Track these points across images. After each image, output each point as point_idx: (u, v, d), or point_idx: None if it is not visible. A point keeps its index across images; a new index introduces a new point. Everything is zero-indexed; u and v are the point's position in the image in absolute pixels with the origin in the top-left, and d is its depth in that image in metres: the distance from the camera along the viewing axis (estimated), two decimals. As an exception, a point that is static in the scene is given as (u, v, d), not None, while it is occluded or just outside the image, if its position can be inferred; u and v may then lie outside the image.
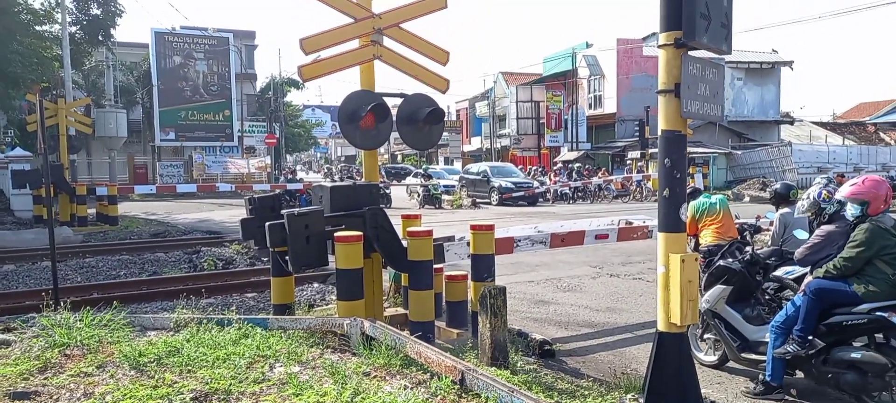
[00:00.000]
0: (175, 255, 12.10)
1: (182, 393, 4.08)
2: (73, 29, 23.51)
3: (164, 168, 36.51)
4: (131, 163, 36.87)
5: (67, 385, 4.31)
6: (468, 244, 6.63)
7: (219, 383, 4.25)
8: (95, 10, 23.43)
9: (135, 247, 13.13)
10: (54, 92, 21.34)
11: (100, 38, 24.42)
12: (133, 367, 4.61)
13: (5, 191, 20.13)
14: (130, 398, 3.99)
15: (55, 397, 4.12)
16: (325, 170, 43.30)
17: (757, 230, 6.92)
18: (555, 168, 35.47)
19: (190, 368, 4.57)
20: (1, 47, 18.32)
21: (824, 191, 5.37)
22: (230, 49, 38.37)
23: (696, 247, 6.90)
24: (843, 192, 4.95)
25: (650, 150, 30.45)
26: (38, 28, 22.29)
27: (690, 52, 3.97)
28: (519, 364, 5.26)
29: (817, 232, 5.28)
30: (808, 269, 5.21)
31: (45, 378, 4.43)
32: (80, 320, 5.65)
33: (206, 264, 11.08)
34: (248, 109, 42.22)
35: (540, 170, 34.40)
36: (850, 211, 4.82)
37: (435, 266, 6.42)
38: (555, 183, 29.21)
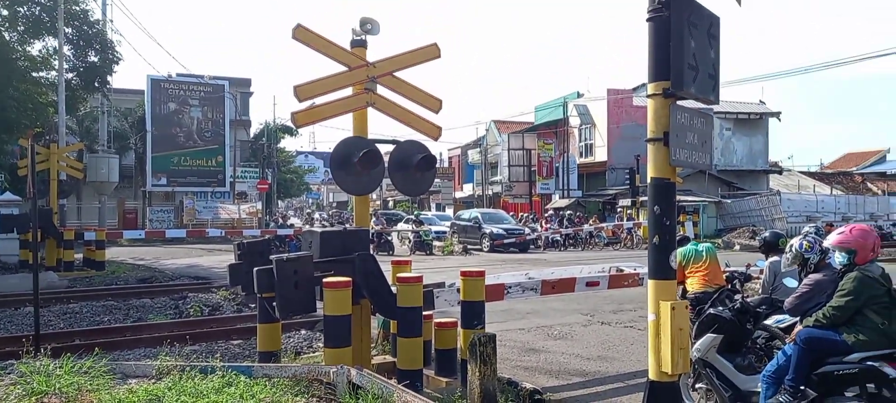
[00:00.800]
0: (161, 301, 11.93)
1: (162, 443, 3.97)
2: (70, 75, 23.60)
3: (154, 213, 36.35)
4: (121, 208, 36.68)
5: (44, 434, 4.18)
6: (458, 290, 6.58)
7: (200, 432, 4.14)
8: (93, 58, 23.56)
9: (120, 293, 12.96)
10: (47, 137, 21.33)
11: (96, 84, 24.49)
12: (113, 416, 4.49)
13: (-8, 235, 19.91)
14: (108, 448, 3.88)
15: (30, 447, 4.00)
16: (306, 216, 42.59)
17: (747, 278, 6.92)
18: (546, 215, 35.55)
19: (171, 417, 4.46)
20: (-2, 93, 18.34)
21: (805, 242, 5.40)
22: (225, 96, 38.68)
23: (684, 294, 6.88)
24: (830, 240, 4.97)
25: (640, 198, 30.62)
26: (35, 74, 22.40)
27: (679, 102, 4.02)
28: (509, 414, 5.17)
29: (805, 281, 5.29)
30: (797, 318, 5.19)
31: (20, 427, 4.30)
32: (59, 367, 5.53)
33: (192, 310, 10.93)
34: (241, 155, 42.33)
35: (531, 216, 34.49)
36: (838, 259, 4.83)
37: (425, 312, 6.36)
38: (546, 229, 29.25)
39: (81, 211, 35.06)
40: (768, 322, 5.72)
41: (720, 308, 5.70)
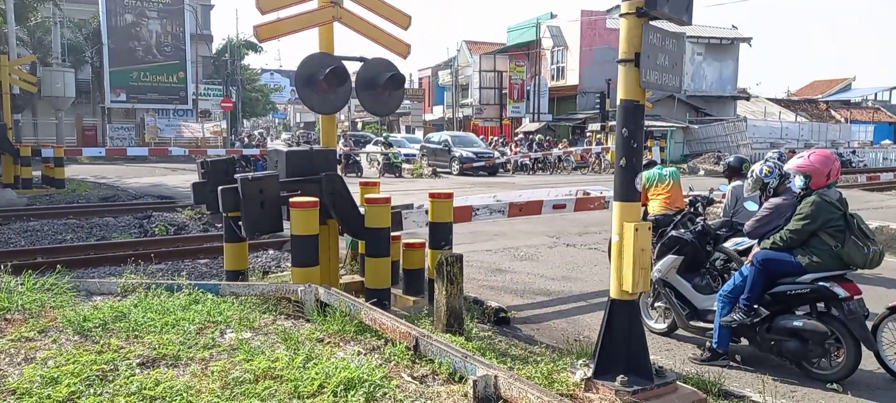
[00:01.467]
0: (125, 220, 11.76)
1: (128, 359, 3.98)
2: (17, -18, 22.36)
3: (114, 130, 35.32)
4: (79, 125, 35.54)
5: (7, 349, 4.15)
6: (427, 212, 6.60)
7: (167, 348, 4.15)
8: (40, -37, 22.36)
9: (82, 211, 12.71)
10: (-4, 48, 20.34)
11: (45, -8, 23.30)
12: (77, 332, 4.47)
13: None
14: (74, 363, 3.87)
15: (-7, 362, 3.97)
16: (258, 136, 40.75)
17: (709, 202, 7.06)
18: (516, 139, 35.58)
19: (137, 334, 4.45)
20: (-63, -2, 17.30)
21: (765, 167, 5.52)
22: (185, 8, 37.08)
23: (645, 216, 7.01)
24: (790, 165, 5.08)
25: (610, 123, 30.77)
26: (-22, -21, 21.16)
27: (651, 22, 3.96)
28: (474, 331, 5.29)
29: (765, 205, 5.43)
30: (755, 241, 5.35)
31: (-18, 344, 4.26)
32: (21, 284, 5.46)
33: (157, 229, 10.81)
34: (203, 72, 41.01)
35: (501, 140, 34.46)
36: (797, 183, 4.95)
37: (393, 233, 6.38)
38: (515, 153, 29.30)
39: (37, 127, 33.86)
40: (727, 244, 5.89)
41: (682, 230, 5.84)
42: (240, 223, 5.65)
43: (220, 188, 5.62)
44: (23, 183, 16.40)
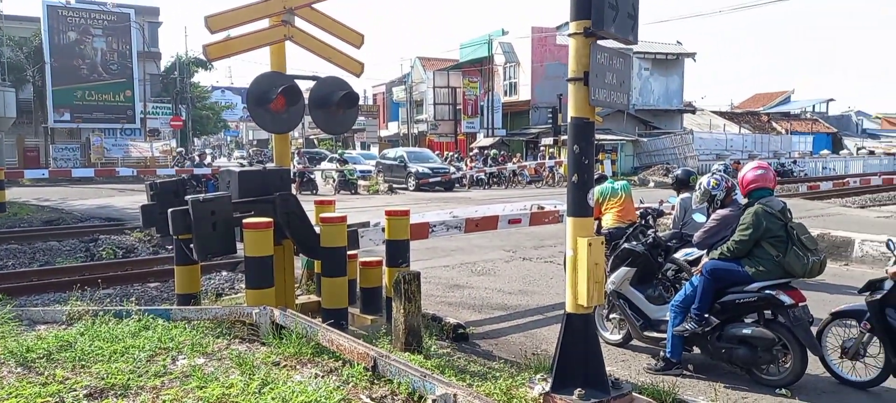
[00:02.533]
0: (70, 244, 11.34)
1: (75, 390, 3.84)
2: (-48, -2, 21.51)
3: (58, 151, 34.10)
4: (21, 146, 34.20)
5: (-58, 386, 3.95)
6: (383, 230, 6.58)
7: (116, 378, 4.02)
8: (-23, -21, 21.58)
9: (24, 236, 12.21)
10: (-71, 66, 19.47)
11: (-18, 9, 22.46)
12: (20, 364, 4.29)
13: None
14: (16, 396, 3.71)
15: (-73, 400, 3.77)
16: (195, 156, 35.27)
17: (660, 214, 7.25)
18: (471, 154, 35.81)
19: (84, 363, 4.30)
20: None
21: (712, 179, 5.71)
22: (131, 26, 36.25)
23: (599, 230, 7.15)
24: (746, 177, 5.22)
25: (562, 137, 31.27)
26: None
27: (599, 42, 4.06)
28: (433, 349, 5.28)
29: (713, 216, 5.60)
30: (704, 252, 5.51)
31: (-85, 380, 4.04)
32: (-42, 315, 5.21)
33: (105, 253, 10.46)
34: (151, 90, 40.05)
35: (456, 155, 34.64)
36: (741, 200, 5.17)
37: (349, 252, 6.33)
38: (471, 168, 29.50)
39: (-25, 148, 32.49)
40: (677, 255, 6.04)
41: (634, 242, 5.97)
42: (191, 245, 5.52)
43: (170, 210, 5.49)
44: (-41, 207, 15.67)
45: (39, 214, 16.36)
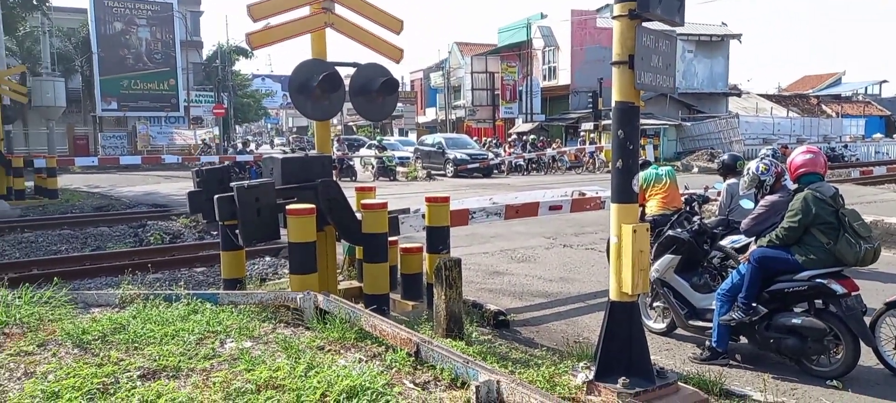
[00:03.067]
0: (120, 230, 11.71)
1: (129, 371, 3.96)
2: (5, -9, 22.27)
3: (106, 139, 35.21)
4: (71, 134, 35.40)
5: (6, 364, 4.12)
6: (423, 216, 6.60)
7: (167, 360, 4.13)
8: (29, -28, 22.30)
9: (76, 221, 12.65)
10: (-14, 59, 20.22)
11: (34, 2, 23.21)
12: (76, 345, 4.44)
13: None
14: (74, 376, 3.84)
15: (-7, 378, 3.94)
16: (238, 144, 36.25)
17: (705, 200, 7.09)
18: (509, 139, 35.63)
19: (137, 345, 4.43)
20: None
21: (761, 165, 5.54)
22: (174, 15, 37.01)
23: (643, 217, 7.04)
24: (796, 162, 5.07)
25: (603, 122, 30.86)
26: (-34, -10, 21.05)
27: (644, 24, 3.98)
28: (474, 335, 5.29)
29: (761, 202, 5.45)
30: (752, 239, 5.37)
31: (-19, 359, 4.23)
32: (18, 297, 5.42)
33: (153, 238, 10.77)
34: (194, 78, 40.90)
35: (494, 141, 34.52)
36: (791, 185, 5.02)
37: (390, 238, 6.37)
38: (509, 154, 29.34)
39: (28, 137, 33.72)
40: (723, 242, 5.91)
41: (679, 229, 5.86)
42: (237, 231, 5.64)
43: (216, 197, 5.61)
44: (15, 194, 16.33)
45: (90, 200, 16.92)
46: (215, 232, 9.32)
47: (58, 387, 3.67)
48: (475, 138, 35.79)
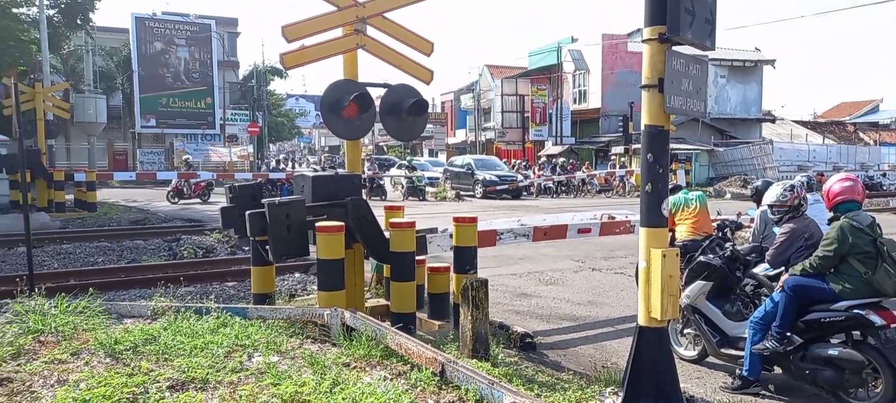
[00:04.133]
0: (154, 243, 11.95)
1: (158, 382, 4.02)
2: (51, 12, 23.10)
3: (144, 155, 36.07)
4: (111, 150, 36.36)
5: (41, 371, 4.23)
6: (451, 236, 6.61)
7: (196, 372, 4.20)
8: (74, -7, 23.12)
9: (113, 234, 12.95)
10: (32, 76, 20.94)
11: (78, 21, 24.03)
12: (108, 355, 4.54)
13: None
14: (105, 385, 3.93)
15: (28, 383, 4.04)
16: (274, 162, 37.55)
17: (738, 226, 6.98)
18: (539, 162, 35.49)
19: (166, 356, 4.51)
20: (-23, 29, 17.96)
21: (783, 191, 5.45)
22: (212, 36, 37.95)
23: (672, 242, 6.94)
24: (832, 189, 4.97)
25: (633, 146, 30.61)
26: (15, 11, 21.86)
27: (674, 48, 3.97)
28: (500, 357, 5.26)
29: (781, 230, 5.36)
30: (786, 270, 5.26)
31: (18, 365, 4.35)
32: (55, 306, 5.57)
33: (186, 252, 10.96)
34: (230, 97, 41.79)
35: (524, 163, 34.43)
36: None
37: (417, 257, 6.39)
38: (538, 176, 29.23)
39: (70, 151, 34.74)
40: (757, 270, 5.79)
41: (710, 255, 5.76)
42: (267, 247, 5.71)
43: (247, 213, 5.70)
44: (56, 206, 16.79)
45: (127, 214, 17.31)
46: (247, 248, 9.45)
47: (89, 396, 3.74)
48: (504, 160, 35.76)
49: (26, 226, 7.46)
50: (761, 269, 5.79)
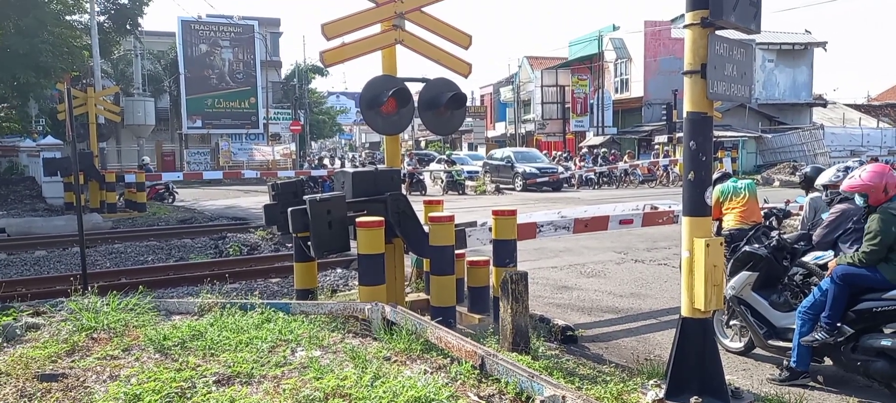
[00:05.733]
0: (201, 241, 12.26)
1: (205, 376, 4.13)
2: (102, 18, 23.87)
3: (191, 155, 37.06)
4: (159, 151, 37.47)
5: (94, 367, 4.38)
6: (490, 229, 6.59)
7: (241, 366, 4.29)
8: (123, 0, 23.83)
9: (162, 233, 13.34)
10: (84, 81, 21.73)
11: (127, 27, 24.76)
12: (158, 350, 4.68)
13: (37, 178, 20.58)
14: (155, 380, 4.05)
15: (82, 379, 4.20)
16: (317, 160, 37.07)
17: (786, 214, 6.77)
18: (580, 153, 35.16)
19: (213, 352, 4.62)
20: (32, 37, 18.68)
21: (842, 175, 5.30)
22: (255, 36, 38.65)
23: (719, 231, 6.78)
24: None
25: (677, 134, 29.97)
26: (67, 18, 22.66)
27: (718, 32, 3.87)
28: (540, 350, 5.22)
29: (831, 210, 5.22)
30: (836, 254, 5.10)
31: (72, 361, 4.52)
32: (107, 304, 5.75)
33: (232, 250, 11.21)
34: (273, 97, 42.54)
35: (565, 155, 34.12)
36: (858, 201, 4.77)
37: (457, 251, 6.40)
38: (580, 168, 28.93)
39: (121, 153, 35.89)
40: (806, 258, 5.62)
41: (756, 245, 5.62)
42: (309, 243, 5.80)
43: (289, 209, 5.80)
44: (108, 207, 17.38)
45: (175, 214, 17.80)
46: (289, 245, 9.62)
47: (139, 390, 3.86)
48: (545, 152, 35.50)
49: (80, 227, 7.74)
50: (811, 258, 5.62)
